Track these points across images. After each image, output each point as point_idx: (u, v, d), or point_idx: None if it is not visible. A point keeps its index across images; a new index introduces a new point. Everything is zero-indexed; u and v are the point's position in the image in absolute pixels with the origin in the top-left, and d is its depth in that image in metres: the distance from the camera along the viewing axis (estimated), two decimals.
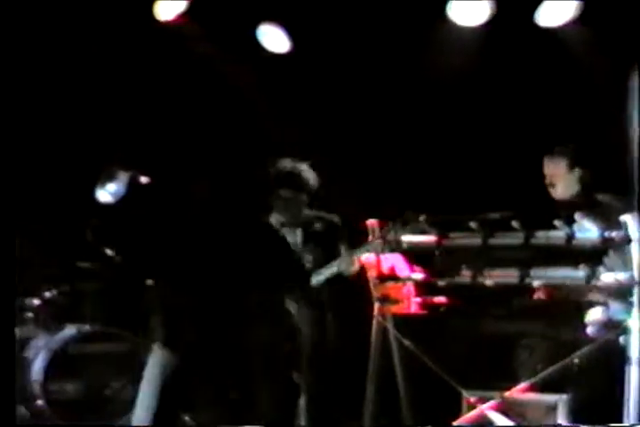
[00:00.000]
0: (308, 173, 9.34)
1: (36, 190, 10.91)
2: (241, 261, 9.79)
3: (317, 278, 9.29)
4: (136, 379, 10.08)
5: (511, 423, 8.79)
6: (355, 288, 9.48)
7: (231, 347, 9.83)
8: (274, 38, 11.13)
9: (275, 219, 9.46)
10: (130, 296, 11.11)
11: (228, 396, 9.92)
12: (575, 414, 8.77)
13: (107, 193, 10.40)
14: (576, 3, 10.14)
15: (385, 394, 8.99)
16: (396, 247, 9.18)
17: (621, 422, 8.58)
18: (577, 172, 9.36)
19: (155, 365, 9.02)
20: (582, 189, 9.33)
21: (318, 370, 9.38)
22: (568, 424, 8.71)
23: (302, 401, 9.29)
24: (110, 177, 10.30)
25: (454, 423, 8.87)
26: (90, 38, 11.03)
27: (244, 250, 9.66)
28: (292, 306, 9.38)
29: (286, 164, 9.52)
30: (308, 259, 9.37)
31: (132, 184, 10.35)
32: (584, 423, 8.89)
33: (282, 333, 9.39)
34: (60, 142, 11.30)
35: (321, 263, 9.41)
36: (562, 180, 9.29)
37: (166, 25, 10.77)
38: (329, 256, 9.41)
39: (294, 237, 9.51)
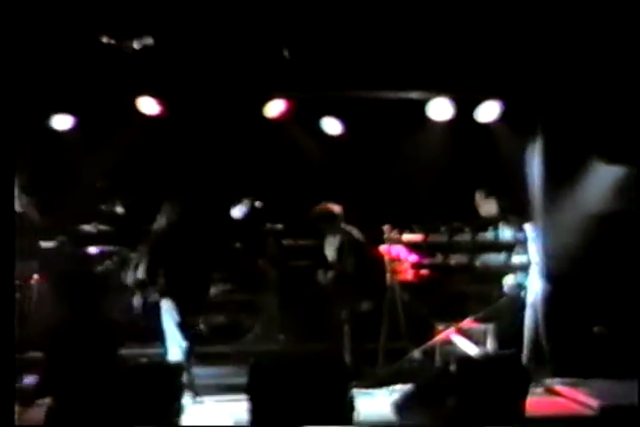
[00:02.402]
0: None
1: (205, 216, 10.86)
2: None
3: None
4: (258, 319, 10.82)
5: (464, 341, 9.61)
6: (377, 265, 9.96)
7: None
8: (332, 126, 11.21)
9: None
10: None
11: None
12: (497, 336, 9.70)
13: (238, 212, 10.72)
14: (498, 106, 10.25)
15: (392, 325, 9.82)
16: (399, 242, 10.09)
17: (522, 341, 9.46)
18: (491, 200, 9.97)
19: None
20: (499, 211, 9.98)
21: (355, 311, 9.76)
22: None
23: (345, 329, 9.70)
24: (239, 202, 10.75)
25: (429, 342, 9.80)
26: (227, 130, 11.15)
27: None
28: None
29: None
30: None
31: (252, 207, 10.74)
32: (503, 340, 9.63)
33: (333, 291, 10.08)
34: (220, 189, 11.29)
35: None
36: (483, 204, 10.06)
37: (272, 119, 10.70)
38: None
39: (334, 241, 10.06)
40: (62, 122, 10.66)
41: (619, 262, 9.66)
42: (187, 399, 7.23)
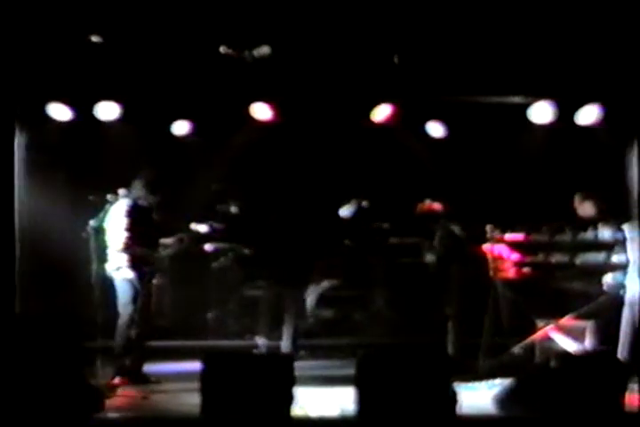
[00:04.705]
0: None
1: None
2: None
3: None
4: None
5: (564, 338, 9.47)
6: (481, 264, 9.91)
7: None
8: (436, 129, 11.21)
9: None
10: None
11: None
12: (596, 332, 9.48)
13: (345, 211, 10.73)
14: (599, 110, 10.24)
15: (495, 320, 9.74)
16: (501, 241, 9.91)
17: (618, 337, 9.18)
18: (588, 203, 9.79)
19: None
20: (597, 212, 9.76)
21: (459, 307, 9.90)
22: None
23: (450, 325, 9.84)
24: (347, 202, 10.74)
25: (530, 338, 9.63)
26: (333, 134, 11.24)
27: None
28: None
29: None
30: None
31: (359, 207, 10.75)
32: (601, 337, 9.40)
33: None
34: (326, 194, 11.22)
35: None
36: (581, 206, 9.90)
37: (379, 123, 10.78)
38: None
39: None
40: (181, 127, 10.98)
41: None
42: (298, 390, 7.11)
